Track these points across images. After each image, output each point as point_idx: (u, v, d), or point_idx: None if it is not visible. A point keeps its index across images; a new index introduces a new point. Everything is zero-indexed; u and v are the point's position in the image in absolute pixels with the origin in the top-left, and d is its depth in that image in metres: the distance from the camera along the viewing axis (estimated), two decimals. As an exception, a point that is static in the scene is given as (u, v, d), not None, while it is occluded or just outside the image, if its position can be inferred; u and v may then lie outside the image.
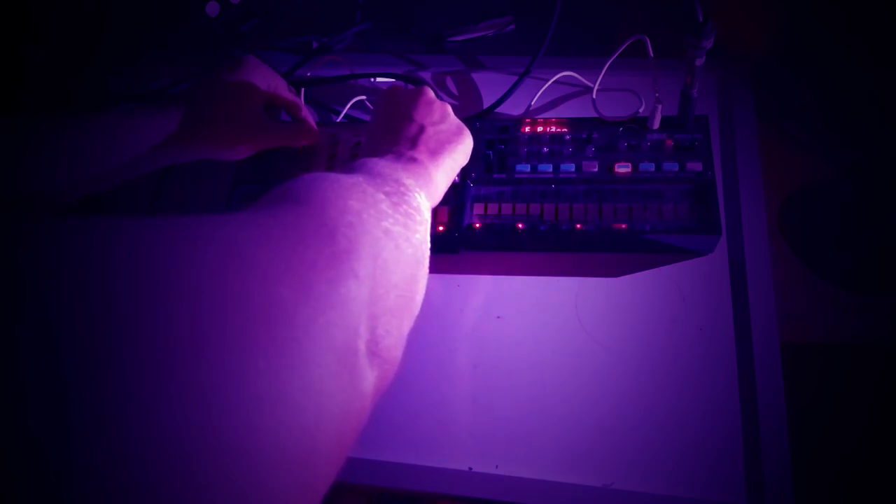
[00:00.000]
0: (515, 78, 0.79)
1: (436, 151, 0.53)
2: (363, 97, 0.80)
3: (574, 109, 0.78)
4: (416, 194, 0.44)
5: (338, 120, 0.79)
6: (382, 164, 0.46)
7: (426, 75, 0.84)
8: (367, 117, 0.80)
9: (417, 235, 0.41)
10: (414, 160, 0.50)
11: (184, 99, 0.65)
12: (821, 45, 0.78)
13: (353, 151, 0.72)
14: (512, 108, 0.78)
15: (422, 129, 0.54)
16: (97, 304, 0.21)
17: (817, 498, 0.62)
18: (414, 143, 0.52)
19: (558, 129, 0.70)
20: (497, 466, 0.59)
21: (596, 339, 0.64)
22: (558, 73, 0.78)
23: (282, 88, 0.69)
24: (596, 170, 0.67)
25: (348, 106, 0.79)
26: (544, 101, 0.79)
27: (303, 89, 0.80)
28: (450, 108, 0.58)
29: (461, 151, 0.56)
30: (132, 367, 0.21)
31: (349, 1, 0.91)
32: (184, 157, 0.65)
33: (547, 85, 0.78)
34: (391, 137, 0.53)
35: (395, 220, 0.39)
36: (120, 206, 0.78)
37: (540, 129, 0.71)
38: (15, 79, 0.83)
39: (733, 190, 0.70)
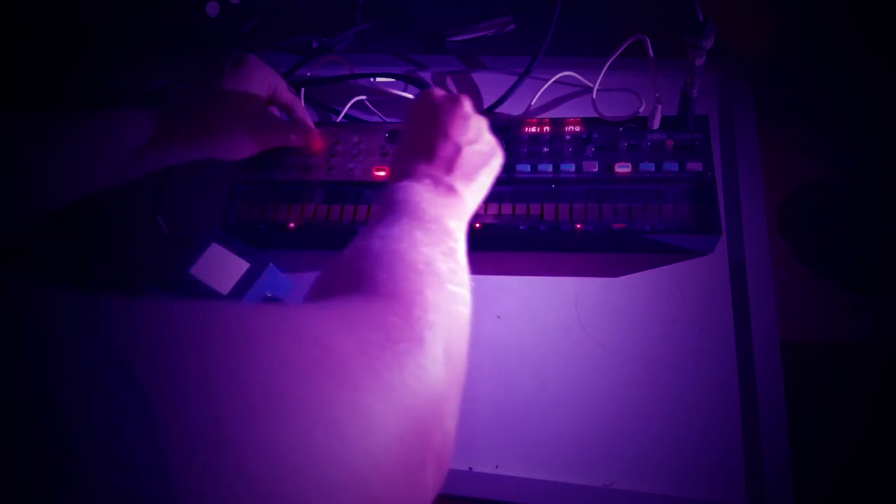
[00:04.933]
0: (515, 78, 0.79)
1: (470, 175, 0.52)
2: (363, 97, 0.80)
3: (574, 109, 0.78)
4: (460, 242, 0.46)
5: (338, 120, 0.79)
6: (426, 201, 0.47)
7: (426, 75, 0.84)
8: (366, 117, 0.80)
9: (467, 309, 0.42)
10: (451, 190, 0.50)
11: (184, 98, 0.65)
12: (821, 44, 0.78)
13: (353, 151, 0.72)
14: (512, 108, 0.78)
15: (458, 150, 0.52)
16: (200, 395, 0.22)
17: (817, 498, 0.62)
18: (450, 166, 0.51)
19: (558, 129, 0.70)
20: (497, 466, 0.59)
21: (596, 339, 0.64)
22: (558, 73, 0.78)
23: (282, 88, 0.69)
24: (596, 170, 0.67)
25: (348, 106, 0.79)
26: (544, 101, 0.79)
27: (303, 89, 0.80)
28: (485, 124, 0.56)
29: (491, 174, 0.55)
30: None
31: (349, 1, 0.91)
32: (184, 157, 0.65)
33: (547, 85, 0.78)
34: (426, 156, 0.52)
35: (457, 298, 0.40)
36: (120, 206, 0.78)
37: (540, 128, 0.71)
38: (8, 78, 0.83)
39: (733, 190, 0.70)
